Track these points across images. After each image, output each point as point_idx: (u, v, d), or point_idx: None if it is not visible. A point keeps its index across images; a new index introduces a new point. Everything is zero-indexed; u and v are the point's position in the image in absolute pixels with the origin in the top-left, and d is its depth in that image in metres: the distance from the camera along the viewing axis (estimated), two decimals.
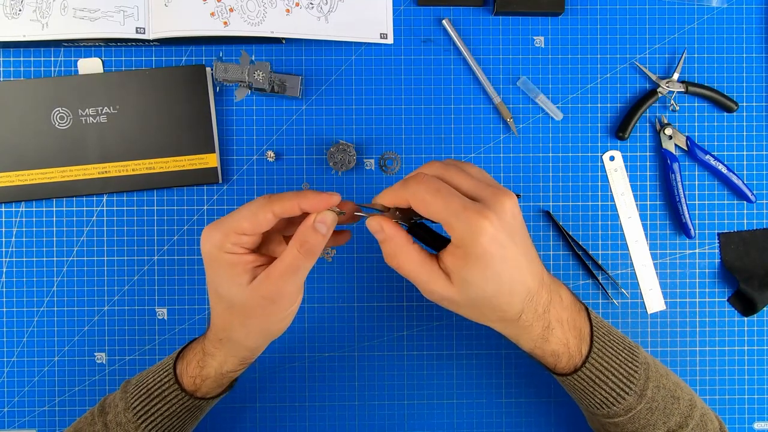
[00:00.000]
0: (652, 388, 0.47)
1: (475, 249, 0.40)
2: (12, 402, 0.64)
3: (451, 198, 0.41)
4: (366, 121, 0.65)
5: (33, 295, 0.64)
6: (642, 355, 0.49)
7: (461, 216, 0.40)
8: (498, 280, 0.42)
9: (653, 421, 0.47)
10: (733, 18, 0.65)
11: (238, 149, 0.65)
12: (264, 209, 0.43)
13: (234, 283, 0.44)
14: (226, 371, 0.49)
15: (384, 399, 0.65)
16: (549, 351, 0.46)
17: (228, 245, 0.43)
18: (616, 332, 0.49)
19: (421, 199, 0.41)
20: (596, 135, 0.65)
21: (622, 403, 0.47)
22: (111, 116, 0.63)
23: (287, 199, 0.43)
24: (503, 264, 0.41)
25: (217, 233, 0.43)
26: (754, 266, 0.64)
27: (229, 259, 0.43)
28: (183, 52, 0.64)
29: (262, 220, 0.43)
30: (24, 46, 0.63)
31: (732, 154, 0.65)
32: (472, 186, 0.43)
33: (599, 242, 0.65)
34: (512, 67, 0.65)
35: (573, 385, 0.48)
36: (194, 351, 0.51)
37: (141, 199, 0.64)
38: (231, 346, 0.48)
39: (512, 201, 0.42)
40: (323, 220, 0.43)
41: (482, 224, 0.40)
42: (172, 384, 0.50)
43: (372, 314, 0.65)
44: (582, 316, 0.48)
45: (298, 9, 0.62)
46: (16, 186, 0.63)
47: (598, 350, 0.47)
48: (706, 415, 0.50)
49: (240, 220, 0.43)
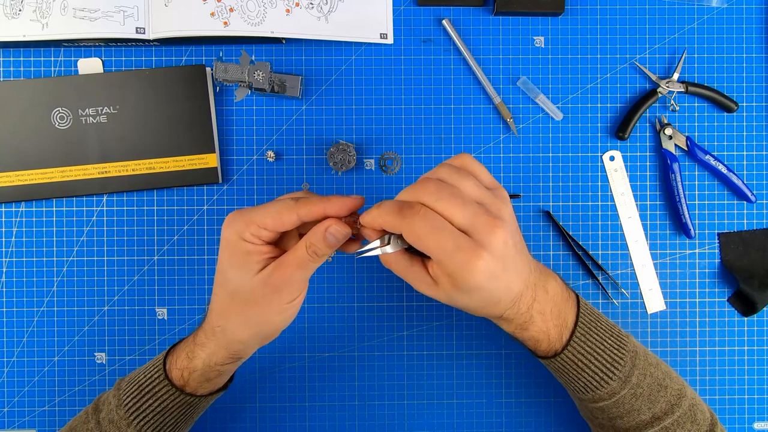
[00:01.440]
0: (638, 375, 0.49)
1: (465, 285, 0.42)
2: (12, 402, 0.64)
3: (444, 237, 0.41)
4: (366, 121, 0.65)
5: (33, 295, 0.64)
6: (631, 344, 0.50)
7: (454, 257, 0.41)
8: (483, 298, 0.44)
9: (638, 406, 0.48)
10: (733, 18, 0.65)
11: (238, 149, 0.65)
12: (290, 212, 0.44)
13: (245, 269, 0.45)
14: (214, 363, 0.49)
15: (384, 399, 0.65)
16: (528, 337, 0.48)
17: (248, 234, 0.45)
18: (606, 321, 0.50)
19: (416, 235, 0.42)
20: (596, 135, 0.65)
21: (606, 387, 0.48)
22: (111, 116, 0.63)
23: (314, 204, 0.44)
24: (491, 289, 0.43)
25: (240, 221, 0.45)
26: (754, 266, 0.64)
27: (245, 246, 0.45)
28: (183, 52, 0.64)
29: (286, 220, 0.44)
30: (24, 46, 0.63)
31: (732, 154, 0.65)
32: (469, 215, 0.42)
33: (599, 242, 0.65)
34: (512, 67, 0.65)
35: (556, 367, 0.49)
36: (185, 343, 0.51)
37: (141, 199, 0.64)
38: (223, 337, 0.48)
39: (505, 232, 0.42)
40: (335, 233, 0.44)
41: (475, 264, 0.41)
42: (162, 380, 0.50)
43: (372, 314, 0.65)
44: (569, 305, 0.49)
45: (298, 9, 0.62)
46: (16, 186, 0.63)
47: (581, 335, 0.48)
48: (696, 406, 0.50)
49: (265, 215, 0.44)
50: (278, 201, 0.45)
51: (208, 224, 0.64)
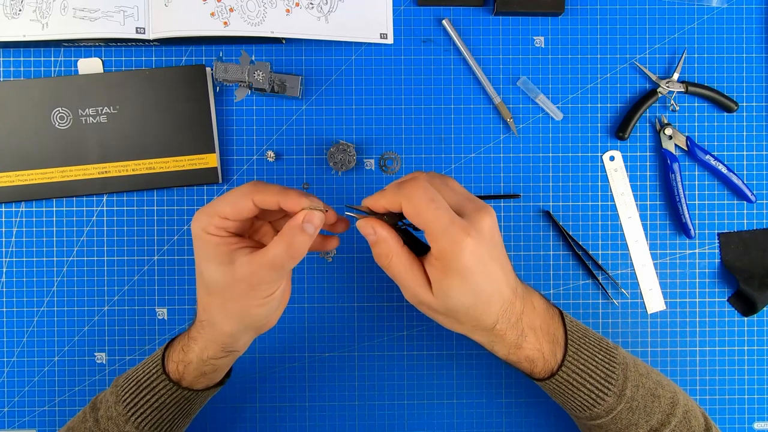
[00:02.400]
0: (631, 388, 0.48)
1: (456, 264, 0.42)
2: (12, 402, 0.64)
3: (441, 210, 0.42)
4: (366, 121, 0.65)
5: (33, 295, 0.64)
6: (620, 356, 0.50)
7: (448, 230, 0.42)
8: (475, 292, 0.43)
9: (635, 420, 0.48)
10: (733, 18, 0.65)
11: (238, 149, 0.65)
12: (245, 198, 0.44)
13: (214, 263, 0.45)
14: (207, 357, 0.49)
15: (384, 399, 0.65)
16: (523, 357, 0.47)
17: (211, 227, 0.44)
18: (593, 334, 0.50)
19: (414, 206, 0.43)
20: (596, 135, 0.65)
21: (602, 404, 0.48)
22: (111, 116, 0.63)
23: (270, 193, 0.44)
24: (481, 277, 0.43)
25: (204, 215, 0.45)
26: (754, 266, 0.64)
27: (212, 240, 0.45)
28: (183, 52, 0.64)
29: (243, 207, 0.44)
30: (24, 46, 0.63)
31: (732, 154, 0.65)
32: (455, 200, 0.45)
33: (599, 242, 0.65)
34: (512, 67, 0.65)
35: (552, 389, 0.49)
36: (180, 337, 0.51)
37: (141, 199, 0.64)
38: (211, 330, 0.48)
39: (492, 218, 0.44)
40: (310, 220, 0.44)
41: (465, 241, 0.42)
42: (159, 374, 0.50)
43: (372, 314, 0.65)
44: (556, 321, 0.49)
45: (298, 9, 0.62)
46: (16, 186, 0.63)
47: (573, 353, 0.48)
48: (689, 412, 0.50)
49: (224, 205, 0.44)
50: (238, 188, 0.45)
51: None
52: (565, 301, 0.65)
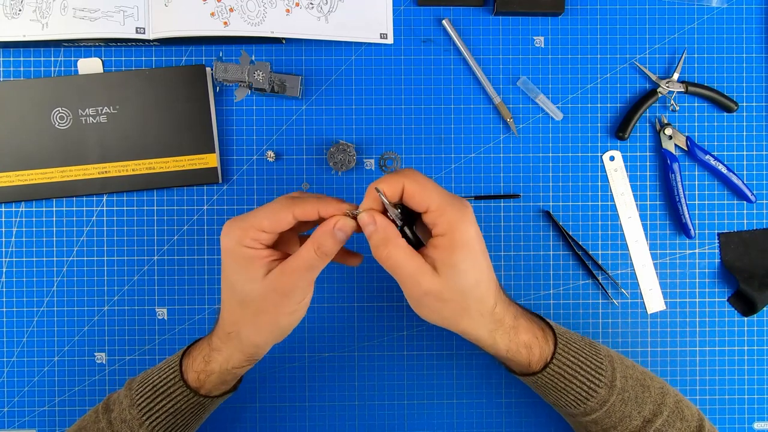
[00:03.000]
0: (620, 378, 0.49)
1: (463, 235, 0.44)
2: (12, 402, 0.64)
3: (442, 188, 0.45)
4: (366, 121, 0.65)
5: (33, 295, 0.64)
6: (603, 349, 0.51)
7: (454, 203, 0.44)
8: (480, 268, 0.45)
9: (628, 412, 0.49)
10: (733, 18, 0.65)
11: (238, 149, 0.65)
12: (285, 210, 0.45)
13: (249, 276, 0.45)
14: (231, 367, 0.50)
15: (384, 399, 0.65)
16: (522, 342, 0.48)
17: (247, 240, 0.45)
18: (571, 331, 0.52)
19: (419, 182, 0.44)
20: (596, 135, 0.65)
21: (595, 396, 0.48)
22: (111, 116, 0.63)
23: (309, 204, 0.45)
24: (481, 254, 0.46)
25: (238, 229, 0.45)
26: (754, 266, 0.64)
27: (247, 253, 0.45)
28: (183, 52, 0.64)
29: (282, 220, 0.45)
30: (24, 46, 0.63)
31: (732, 154, 0.65)
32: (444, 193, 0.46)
33: (599, 242, 0.65)
34: (512, 67, 0.65)
35: (546, 383, 0.49)
36: (200, 347, 0.51)
37: (141, 199, 0.64)
38: (238, 342, 0.49)
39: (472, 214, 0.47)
40: (343, 227, 0.45)
41: (469, 213, 0.45)
42: (177, 381, 0.50)
43: (372, 314, 0.65)
44: (537, 319, 0.51)
45: (298, 9, 0.62)
46: (16, 186, 0.63)
47: (564, 344, 0.49)
48: (681, 402, 0.51)
49: (261, 218, 0.45)
50: (273, 202, 0.46)
51: (208, 224, 0.64)
52: (565, 301, 0.65)
